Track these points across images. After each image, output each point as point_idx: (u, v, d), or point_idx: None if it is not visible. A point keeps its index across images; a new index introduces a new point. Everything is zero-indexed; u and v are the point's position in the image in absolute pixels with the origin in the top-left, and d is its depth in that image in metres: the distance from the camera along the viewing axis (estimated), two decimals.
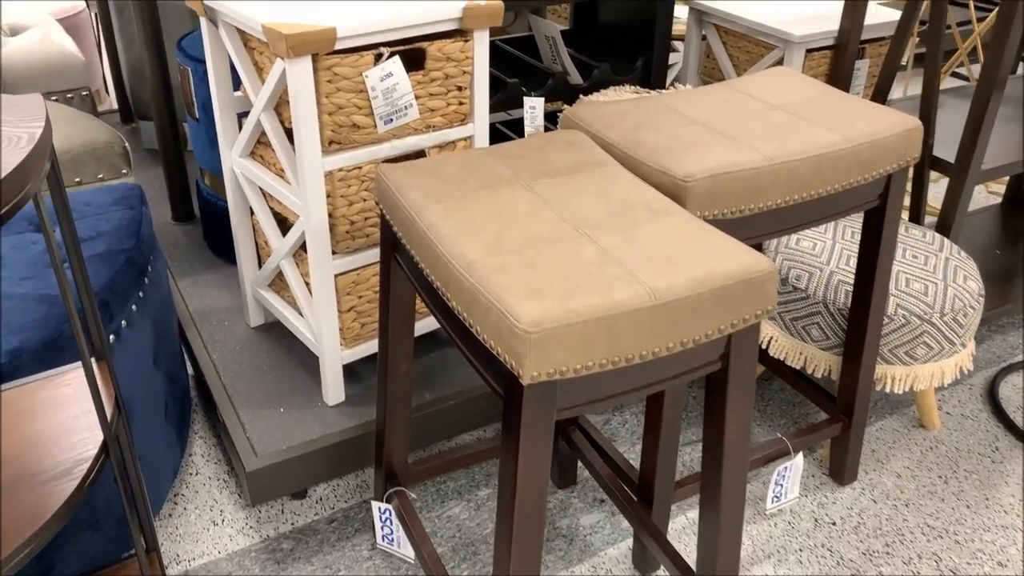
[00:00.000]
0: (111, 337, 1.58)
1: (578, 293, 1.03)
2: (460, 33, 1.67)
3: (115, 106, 3.32)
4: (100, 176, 2.13)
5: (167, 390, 1.81)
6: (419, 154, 1.75)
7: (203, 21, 1.74)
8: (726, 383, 1.18)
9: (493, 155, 1.40)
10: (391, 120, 1.64)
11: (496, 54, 2.60)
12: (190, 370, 2.14)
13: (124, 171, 2.15)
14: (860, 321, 1.74)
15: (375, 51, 1.57)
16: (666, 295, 1.05)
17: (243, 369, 1.94)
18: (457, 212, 1.22)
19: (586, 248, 1.13)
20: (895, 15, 2.35)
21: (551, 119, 2.45)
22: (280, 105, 1.67)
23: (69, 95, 2.68)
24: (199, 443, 2.02)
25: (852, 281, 1.85)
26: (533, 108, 2.25)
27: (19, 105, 1.13)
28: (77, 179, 2.10)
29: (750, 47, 2.36)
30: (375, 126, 1.63)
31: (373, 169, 1.67)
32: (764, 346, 1.97)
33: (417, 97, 1.66)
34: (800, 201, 1.47)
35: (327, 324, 1.75)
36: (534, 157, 1.40)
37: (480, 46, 1.70)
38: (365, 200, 1.69)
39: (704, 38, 2.53)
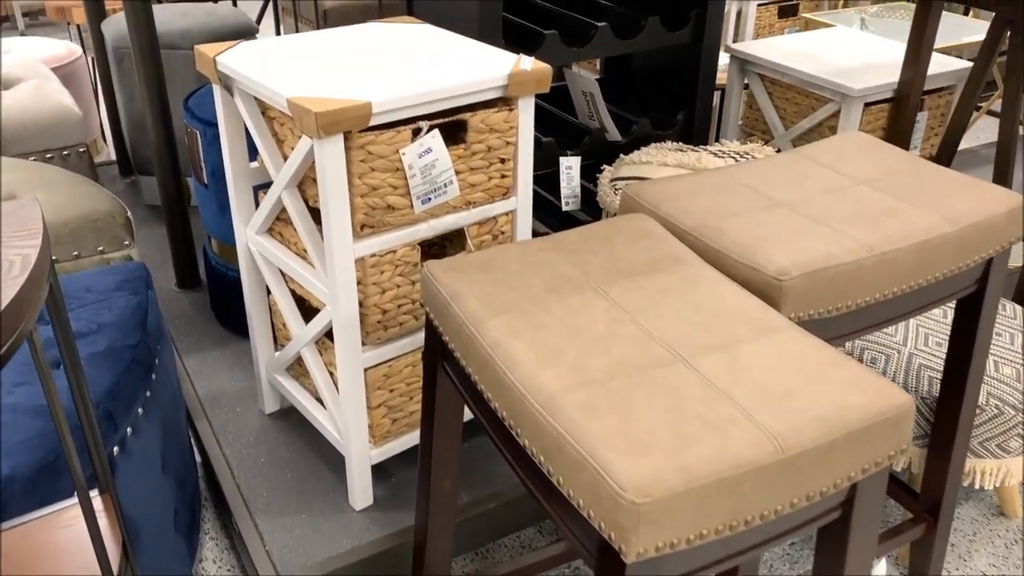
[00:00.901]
0: (115, 449, 1.39)
1: (690, 445, 0.85)
2: (504, 101, 1.50)
3: (113, 157, 3.14)
4: (100, 249, 1.95)
5: (176, 496, 1.62)
6: (458, 233, 1.58)
7: (216, 88, 1.57)
8: (847, 534, 1.00)
9: (555, 249, 1.23)
10: (429, 199, 1.47)
11: None
12: (198, 457, 1.95)
13: (126, 242, 1.97)
14: (950, 414, 1.56)
15: (412, 125, 1.40)
16: (794, 444, 0.87)
17: (259, 467, 1.75)
18: (525, 327, 1.05)
19: (686, 378, 0.95)
20: (957, 64, 2.19)
21: (586, 174, 2.28)
22: (304, 182, 1.50)
23: (65, 152, 2.51)
24: (210, 545, 1.82)
25: (935, 364, 1.67)
26: (569, 168, 2.09)
27: (12, 215, 0.95)
28: (75, 252, 1.92)
29: (799, 99, 2.20)
30: (411, 206, 1.46)
31: (408, 252, 1.49)
32: None
33: (457, 172, 1.49)
34: (899, 294, 1.30)
35: (355, 423, 1.56)
36: (602, 251, 1.22)
37: (525, 115, 1.53)
38: (399, 286, 1.51)
39: (747, 87, 2.37)
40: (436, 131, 1.42)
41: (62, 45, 3.14)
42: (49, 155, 2.48)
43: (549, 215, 2.38)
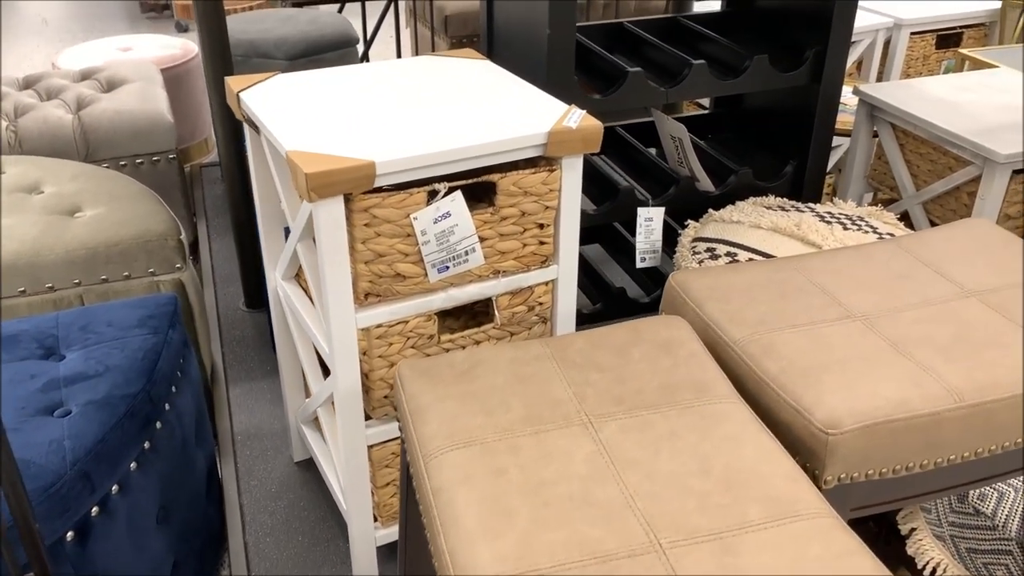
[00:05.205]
0: (94, 510, 1.30)
1: None
2: (546, 160, 1.31)
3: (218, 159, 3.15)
4: (151, 270, 1.89)
5: (177, 548, 1.53)
6: (485, 302, 1.40)
7: (245, 126, 1.46)
8: None
9: (556, 359, 1.03)
10: (447, 268, 1.29)
11: (608, 142, 2.20)
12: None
13: (178, 265, 1.91)
14: None
15: (428, 187, 1.22)
16: None
17: (273, 524, 1.64)
18: (481, 471, 0.86)
19: None
20: None
21: (678, 220, 2.03)
22: None
23: (155, 158, 2.51)
24: None
25: None
26: (649, 221, 1.86)
27: None
28: (126, 273, 1.88)
29: (935, 156, 1.87)
30: (425, 275, 1.29)
31: (422, 324, 1.33)
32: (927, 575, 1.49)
33: (483, 239, 1.30)
34: (991, 455, 1.02)
35: (357, 502, 1.42)
36: (611, 367, 1.01)
37: (570, 175, 1.32)
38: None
39: (875, 135, 2.06)
40: (458, 194, 1.24)
41: (179, 44, 3.17)
42: (139, 160, 2.48)
43: (631, 261, 2.16)
